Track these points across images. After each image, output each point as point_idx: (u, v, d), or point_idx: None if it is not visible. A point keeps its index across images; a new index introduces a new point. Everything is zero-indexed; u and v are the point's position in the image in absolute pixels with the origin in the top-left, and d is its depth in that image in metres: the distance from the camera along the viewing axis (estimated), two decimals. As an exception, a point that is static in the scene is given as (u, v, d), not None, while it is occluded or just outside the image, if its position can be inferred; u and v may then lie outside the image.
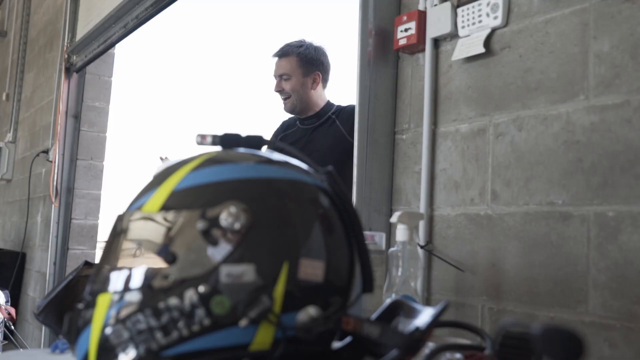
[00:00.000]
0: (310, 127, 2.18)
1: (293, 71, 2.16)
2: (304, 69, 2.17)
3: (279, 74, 2.19)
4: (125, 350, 0.66)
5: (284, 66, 2.18)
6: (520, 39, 1.32)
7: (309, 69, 2.17)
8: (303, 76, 2.17)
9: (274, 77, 2.22)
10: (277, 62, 2.21)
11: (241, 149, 0.78)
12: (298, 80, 2.16)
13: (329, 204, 0.74)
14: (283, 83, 2.18)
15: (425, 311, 0.74)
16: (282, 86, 2.18)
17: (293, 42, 2.22)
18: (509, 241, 1.30)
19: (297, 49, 2.19)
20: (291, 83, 2.17)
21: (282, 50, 2.21)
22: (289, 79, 2.17)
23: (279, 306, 0.66)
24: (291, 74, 2.16)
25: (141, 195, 0.73)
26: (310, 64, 2.18)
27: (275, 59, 2.23)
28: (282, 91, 2.19)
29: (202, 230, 0.66)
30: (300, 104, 2.18)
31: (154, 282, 0.66)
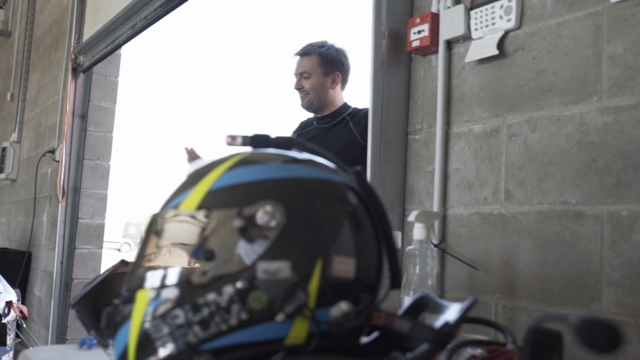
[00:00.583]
0: (325, 126, 2.22)
1: (314, 70, 2.20)
2: (324, 68, 2.21)
3: (299, 72, 2.23)
4: (165, 344, 0.68)
5: (305, 64, 2.22)
6: (534, 41, 1.34)
7: (329, 68, 2.21)
8: (323, 75, 2.21)
9: (295, 75, 2.26)
10: (299, 61, 2.25)
11: (271, 150, 0.81)
12: (318, 79, 2.20)
13: (358, 202, 0.77)
14: (303, 81, 2.22)
15: (453, 307, 0.76)
16: (301, 84, 2.22)
17: (315, 42, 2.27)
18: (523, 240, 1.32)
19: (319, 48, 2.23)
20: (311, 81, 2.20)
21: (304, 49, 2.25)
22: (309, 77, 2.20)
23: (313, 301, 0.69)
24: (312, 72, 2.20)
25: (176, 195, 0.75)
26: (331, 64, 2.22)
27: (297, 57, 2.27)
28: (302, 89, 2.23)
29: (239, 228, 0.69)
30: (317, 102, 2.22)
31: (193, 278, 0.69)
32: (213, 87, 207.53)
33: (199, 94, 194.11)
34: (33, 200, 4.93)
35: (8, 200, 5.82)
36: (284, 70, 9.94)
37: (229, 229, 0.69)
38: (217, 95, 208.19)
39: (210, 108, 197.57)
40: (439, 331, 0.69)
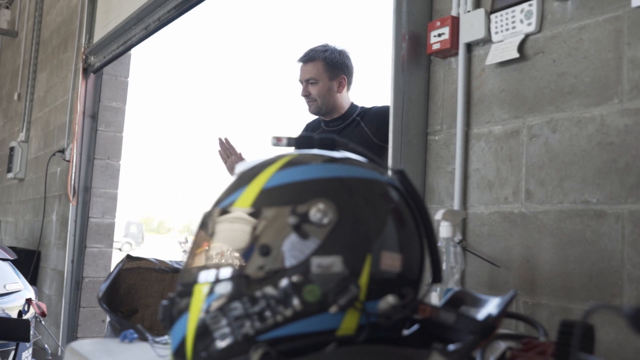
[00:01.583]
0: (336, 128, 2.23)
1: (320, 75, 2.21)
2: (330, 72, 2.21)
3: (305, 79, 2.23)
4: (223, 335, 0.72)
5: (310, 71, 2.22)
6: (554, 45, 1.38)
7: (335, 72, 2.22)
8: (329, 80, 2.21)
9: (300, 81, 2.26)
10: (303, 67, 2.26)
11: (315, 150, 0.84)
12: (325, 84, 2.21)
13: (401, 200, 0.80)
14: (310, 87, 2.22)
15: (492, 300, 0.80)
16: (308, 90, 2.22)
17: (317, 47, 2.27)
18: (544, 238, 1.36)
19: (323, 53, 2.23)
20: (318, 87, 2.21)
21: (308, 55, 2.25)
22: (316, 83, 2.21)
23: (364, 295, 0.72)
24: (318, 78, 2.21)
25: (229, 194, 0.79)
26: (336, 68, 2.22)
27: (300, 64, 2.27)
28: (309, 95, 2.23)
29: (294, 225, 0.72)
30: (325, 106, 2.23)
31: (250, 272, 0.72)
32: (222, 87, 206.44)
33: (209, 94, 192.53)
34: (41, 199, 4.97)
35: (16, 200, 5.85)
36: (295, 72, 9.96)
37: (283, 225, 0.73)
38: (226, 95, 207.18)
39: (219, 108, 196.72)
40: (483, 323, 0.73)
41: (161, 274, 1.27)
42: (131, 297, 1.25)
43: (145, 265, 1.29)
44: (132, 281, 1.26)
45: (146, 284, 1.26)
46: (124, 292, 1.25)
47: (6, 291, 2.21)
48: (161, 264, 1.30)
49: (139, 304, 1.24)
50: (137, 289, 1.26)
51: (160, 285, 1.28)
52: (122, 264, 1.27)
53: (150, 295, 1.25)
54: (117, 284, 1.26)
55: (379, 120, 2.17)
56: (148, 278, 1.27)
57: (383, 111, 2.19)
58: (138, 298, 1.25)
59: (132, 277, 1.27)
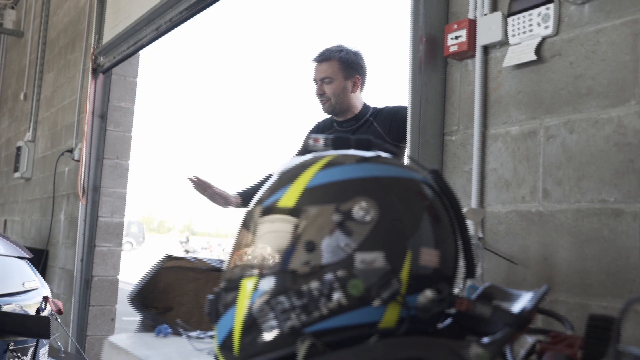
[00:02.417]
0: (350, 129, 2.26)
1: (335, 74, 2.23)
2: (345, 72, 2.24)
3: (320, 78, 2.26)
4: (270, 327, 0.75)
5: (325, 70, 2.25)
6: (571, 47, 1.41)
7: (349, 72, 2.25)
8: (344, 79, 2.24)
9: (314, 81, 2.29)
10: (318, 67, 2.28)
11: (352, 151, 0.88)
12: (340, 84, 2.23)
13: (436, 197, 0.84)
14: (324, 86, 2.25)
15: (524, 295, 0.83)
16: (323, 89, 2.25)
17: (332, 47, 2.30)
18: (561, 236, 1.39)
19: (338, 53, 2.26)
20: (333, 86, 2.23)
21: (323, 55, 2.28)
22: (331, 82, 2.23)
23: (404, 289, 0.76)
24: (333, 77, 2.23)
25: (272, 192, 0.82)
26: (351, 68, 2.25)
27: (315, 63, 2.30)
28: (323, 94, 2.26)
29: (338, 222, 0.76)
30: (339, 106, 2.26)
31: (296, 267, 0.76)
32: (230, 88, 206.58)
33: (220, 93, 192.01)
34: (49, 198, 5.00)
35: (22, 199, 5.88)
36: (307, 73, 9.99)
37: (327, 223, 0.76)
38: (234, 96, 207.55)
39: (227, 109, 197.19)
40: (518, 316, 0.76)
41: (197, 273, 1.31)
42: (167, 295, 1.28)
43: (185, 265, 1.33)
44: (169, 280, 1.30)
45: (183, 283, 1.30)
46: (161, 289, 1.29)
47: (24, 289, 2.24)
48: (200, 263, 1.34)
49: (173, 302, 1.27)
50: (174, 287, 1.30)
51: (196, 285, 1.32)
52: (162, 263, 1.31)
53: (185, 294, 1.28)
54: (155, 282, 1.30)
55: (391, 120, 2.20)
56: (184, 277, 1.31)
57: (395, 111, 2.22)
58: (173, 296, 1.29)
59: (170, 276, 1.30)
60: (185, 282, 1.29)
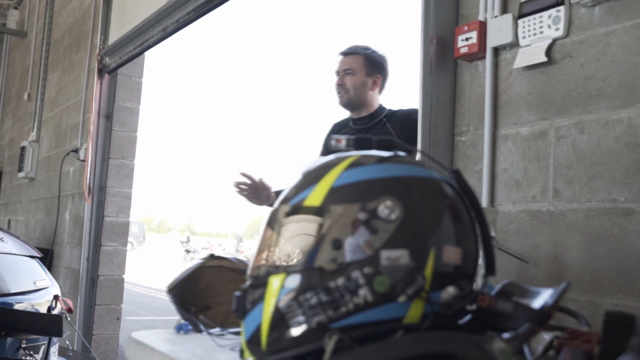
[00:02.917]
0: (363, 127, 2.29)
1: (358, 68, 2.26)
2: (368, 68, 2.27)
3: (343, 69, 2.29)
4: (298, 323, 0.78)
5: (349, 62, 2.28)
6: (582, 49, 1.44)
7: (372, 70, 2.28)
8: (366, 75, 2.27)
9: (337, 72, 2.31)
10: (343, 59, 2.32)
11: (374, 151, 0.90)
12: (361, 78, 2.26)
13: (457, 196, 0.86)
14: (346, 77, 2.27)
15: (544, 291, 0.85)
16: (344, 80, 2.28)
17: (360, 45, 2.35)
18: (572, 235, 1.41)
19: (364, 50, 2.31)
20: (354, 79, 2.26)
21: (350, 49, 2.32)
22: (353, 75, 2.26)
23: (428, 285, 0.78)
24: (356, 70, 2.26)
25: (298, 192, 0.84)
26: (374, 66, 2.29)
27: (340, 57, 2.33)
28: (343, 85, 2.28)
29: (364, 221, 0.78)
30: (356, 100, 2.27)
31: (324, 265, 0.78)
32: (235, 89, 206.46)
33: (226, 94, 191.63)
34: (53, 198, 5.02)
35: (26, 199, 5.91)
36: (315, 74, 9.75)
37: (353, 221, 0.78)
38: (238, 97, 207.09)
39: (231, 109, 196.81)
40: (540, 311, 0.78)
41: (238, 274, 1.33)
42: (207, 293, 1.31)
43: (226, 265, 1.35)
44: (211, 279, 1.32)
45: (223, 283, 1.32)
46: (202, 288, 1.31)
47: (36, 287, 2.27)
48: (241, 264, 1.36)
49: (213, 301, 1.30)
50: (214, 286, 1.32)
51: (235, 285, 1.34)
52: (205, 261, 1.34)
53: (224, 294, 1.30)
54: (196, 280, 1.32)
55: (403, 122, 2.22)
56: (225, 277, 1.33)
57: (407, 113, 2.25)
58: (213, 296, 1.31)
59: (212, 275, 1.32)
60: (225, 282, 1.32)
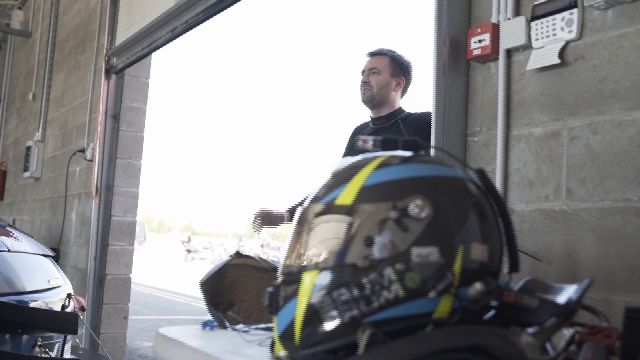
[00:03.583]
0: (380, 127, 2.35)
1: (384, 68, 2.34)
2: (393, 69, 2.35)
3: (369, 68, 2.36)
4: (331, 317, 0.80)
5: (376, 62, 2.36)
6: (595, 51, 1.46)
7: (397, 71, 2.36)
8: (391, 76, 2.34)
9: (362, 71, 2.39)
10: (370, 59, 2.39)
11: (400, 151, 0.92)
12: (385, 77, 2.34)
13: (481, 195, 0.89)
14: (371, 76, 2.35)
15: (567, 287, 0.88)
16: (369, 78, 2.35)
17: (387, 48, 2.42)
18: (585, 234, 1.44)
19: (392, 52, 2.39)
20: (378, 78, 2.33)
21: (378, 50, 2.40)
22: (378, 74, 2.34)
23: (457, 281, 0.80)
24: (381, 69, 2.34)
25: (329, 191, 0.87)
26: (399, 69, 2.36)
27: (367, 58, 2.41)
28: (368, 83, 2.35)
29: (395, 219, 0.80)
30: (379, 98, 2.34)
31: (356, 261, 0.80)
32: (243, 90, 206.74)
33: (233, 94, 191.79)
34: (59, 198, 5.04)
35: (31, 198, 5.93)
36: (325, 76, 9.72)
37: (385, 219, 0.81)
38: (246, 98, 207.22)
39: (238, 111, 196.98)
40: (565, 306, 0.81)
41: (261, 272, 1.36)
42: (232, 291, 1.34)
43: (251, 263, 1.38)
44: (235, 277, 1.35)
45: (247, 280, 1.35)
46: (227, 286, 1.34)
47: (50, 286, 2.29)
48: (264, 262, 1.40)
49: (237, 298, 1.33)
50: (238, 284, 1.35)
51: (259, 283, 1.37)
52: (230, 259, 1.37)
53: (247, 292, 1.34)
54: (222, 277, 1.35)
55: (416, 124, 2.27)
56: (249, 275, 1.36)
57: (420, 116, 2.30)
58: (237, 293, 1.34)
59: (236, 273, 1.36)
60: (249, 280, 1.35)
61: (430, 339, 0.74)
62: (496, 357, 0.75)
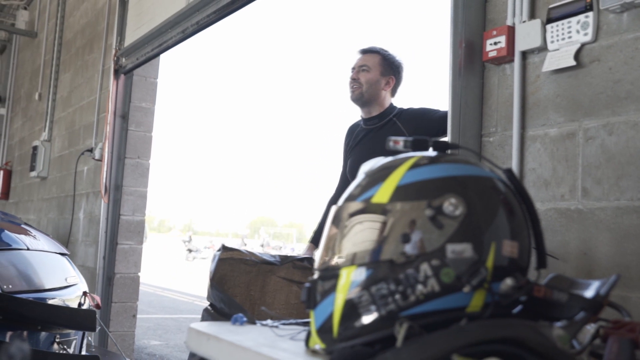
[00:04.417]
0: (372, 127, 2.35)
1: (374, 66, 2.34)
2: (383, 68, 2.34)
3: (359, 65, 2.36)
4: (369, 311, 0.83)
5: (366, 59, 2.36)
6: (610, 54, 1.49)
7: (387, 70, 2.35)
8: (380, 74, 2.34)
9: (352, 68, 2.38)
10: (361, 57, 2.39)
11: (431, 151, 0.96)
12: (375, 75, 2.33)
13: (510, 193, 0.92)
14: (360, 73, 2.34)
15: (593, 283, 0.91)
16: (358, 75, 2.34)
17: (379, 46, 2.42)
18: (600, 232, 1.47)
19: (383, 51, 2.38)
20: (368, 75, 2.33)
21: (369, 47, 2.40)
22: (368, 71, 2.33)
23: (490, 277, 0.84)
24: (371, 67, 2.33)
25: (365, 190, 0.90)
26: (390, 67, 2.36)
27: (359, 55, 2.40)
28: (357, 80, 2.34)
29: (430, 217, 0.84)
30: (368, 96, 2.33)
31: (394, 257, 0.84)
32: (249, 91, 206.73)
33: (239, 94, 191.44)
34: (66, 197, 5.08)
35: (38, 198, 5.96)
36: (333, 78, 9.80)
37: (420, 217, 0.84)
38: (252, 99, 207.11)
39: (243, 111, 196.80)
40: (593, 301, 0.84)
41: (249, 265, 1.37)
42: (222, 285, 1.35)
43: (237, 256, 1.39)
44: (224, 271, 1.36)
45: (235, 275, 1.36)
46: (216, 280, 1.36)
47: (67, 284, 2.32)
48: (252, 255, 1.40)
49: (227, 293, 1.34)
50: (227, 279, 1.36)
51: (247, 277, 1.38)
52: (219, 254, 1.38)
53: (237, 286, 1.34)
54: (213, 272, 1.36)
55: (418, 122, 2.27)
56: (237, 269, 1.37)
57: (422, 113, 2.30)
58: (227, 287, 1.35)
59: (225, 268, 1.37)
60: (237, 274, 1.36)
61: (467, 332, 0.78)
62: (529, 349, 0.78)
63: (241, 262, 1.39)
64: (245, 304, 1.42)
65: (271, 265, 1.50)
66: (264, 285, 1.34)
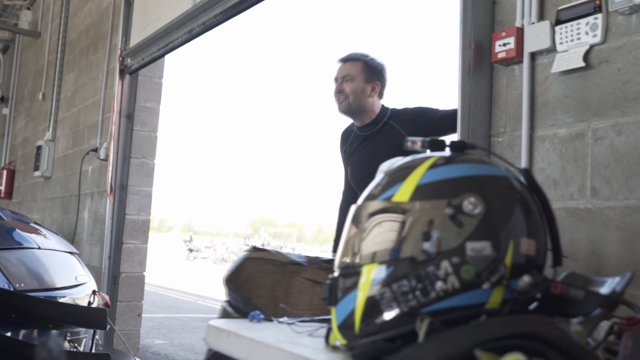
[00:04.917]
0: (369, 133, 2.31)
1: (357, 74, 2.29)
2: (366, 75, 2.30)
3: (342, 75, 2.31)
4: (391, 307, 0.85)
5: (348, 69, 2.31)
6: (619, 55, 1.51)
7: (371, 76, 2.31)
8: (365, 82, 2.29)
9: (335, 79, 2.34)
10: (342, 66, 2.34)
11: (447, 151, 0.97)
12: (359, 84, 2.29)
13: (527, 192, 0.94)
14: (344, 84, 2.30)
15: (608, 280, 0.93)
16: (343, 87, 2.30)
17: (358, 52, 2.38)
18: (610, 231, 1.49)
19: (364, 57, 2.34)
20: (353, 85, 2.28)
21: (349, 55, 2.35)
22: (352, 81, 2.29)
23: (508, 274, 0.85)
24: (355, 76, 2.29)
25: (385, 189, 0.92)
26: (373, 73, 2.32)
27: (339, 64, 2.36)
28: (342, 92, 2.30)
29: (450, 215, 0.86)
30: (356, 105, 2.29)
31: (415, 255, 0.86)
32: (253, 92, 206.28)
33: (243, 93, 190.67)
34: (70, 197, 5.10)
35: (42, 197, 5.98)
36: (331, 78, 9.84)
37: (440, 215, 0.86)
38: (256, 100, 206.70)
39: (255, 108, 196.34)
40: (609, 297, 0.86)
41: (276, 266, 1.39)
42: (248, 285, 1.37)
43: (267, 257, 1.40)
44: (251, 271, 1.38)
45: (262, 275, 1.37)
46: (243, 280, 1.37)
47: (77, 282, 2.34)
48: (280, 255, 1.42)
49: (252, 293, 1.35)
50: (254, 279, 1.38)
51: (273, 279, 1.39)
52: (248, 253, 1.40)
53: (263, 287, 1.36)
54: (239, 272, 1.38)
55: (416, 123, 2.23)
56: (264, 269, 1.38)
57: (420, 112, 2.27)
58: (253, 288, 1.37)
59: (252, 267, 1.38)
60: (264, 275, 1.37)
61: (487, 327, 0.80)
62: (548, 344, 0.80)
63: (269, 263, 1.40)
64: (269, 304, 1.43)
65: (297, 266, 1.50)
66: (288, 285, 1.36)
